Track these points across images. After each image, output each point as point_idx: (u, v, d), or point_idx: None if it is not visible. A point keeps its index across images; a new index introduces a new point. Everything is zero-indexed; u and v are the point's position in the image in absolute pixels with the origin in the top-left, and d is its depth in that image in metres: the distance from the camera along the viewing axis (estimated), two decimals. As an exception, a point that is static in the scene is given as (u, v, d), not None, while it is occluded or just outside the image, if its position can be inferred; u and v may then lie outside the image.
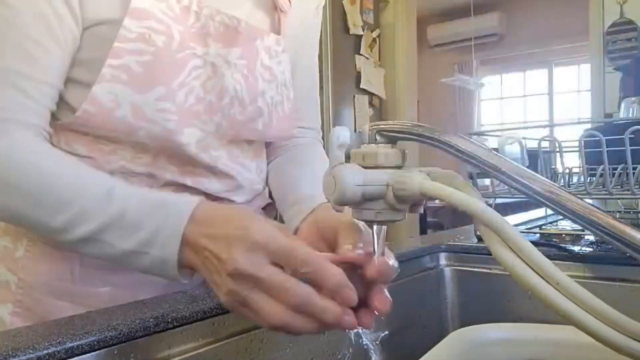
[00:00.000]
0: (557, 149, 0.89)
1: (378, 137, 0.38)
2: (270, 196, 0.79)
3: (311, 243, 0.53)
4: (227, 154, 0.68)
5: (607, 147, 0.72)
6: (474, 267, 0.83)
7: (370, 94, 3.85)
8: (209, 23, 0.63)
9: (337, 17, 3.45)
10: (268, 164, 0.81)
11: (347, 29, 3.60)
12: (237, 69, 0.65)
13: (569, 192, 0.33)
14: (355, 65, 3.72)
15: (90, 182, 0.54)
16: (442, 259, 0.86)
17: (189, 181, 0.65)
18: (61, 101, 0.60)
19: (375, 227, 0.40)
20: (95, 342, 0.43)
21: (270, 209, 0.78)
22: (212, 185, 0.67)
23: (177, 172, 0.65)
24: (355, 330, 0.43)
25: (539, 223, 1.01)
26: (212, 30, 0.63)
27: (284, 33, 0.71)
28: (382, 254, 0.42)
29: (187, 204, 0.49)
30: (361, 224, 0.49)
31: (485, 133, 0.92)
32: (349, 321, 0.42)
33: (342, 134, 0.39)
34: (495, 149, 0.78)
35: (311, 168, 0.76)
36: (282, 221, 0.66)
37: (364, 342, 0.44)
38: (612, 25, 3.25)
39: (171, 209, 0.49)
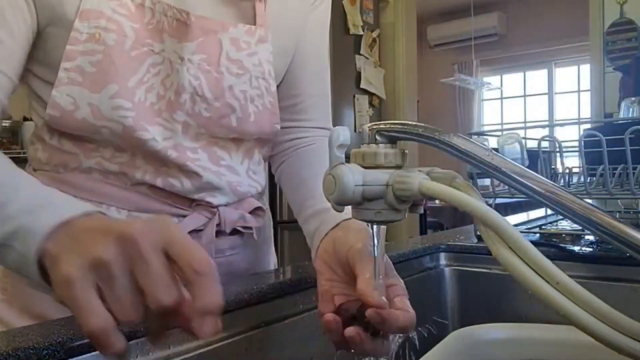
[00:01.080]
0: (557, 149, 0.89)
1: (378, 137, 0.38)
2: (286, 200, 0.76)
3: (329, 265, 0.53)
4: (208, 155, 0.67)
5: (607, 147, 0.72)
6: (474, 267, 0.83)
7: (370, 94, 3.85)
8: (162, 19, 0.62)
9: (337, 17, 3.45)
10: (279, 165, 0.79)
11: (347, 29, 3.60)
12: (193, 64, 0.63)
13: (569, 192, 0.33)
14: (355, 65, 3.72)
15: None
16: (442, 259, 0.86)
17: (159, 182, 0.64)
18: (41, 100, 0.62)
19: (375, 227, 0.40)
20: (95, 342, 0.43)
21: (260, 213, 0.75)
22: (183, 185, 0.65)
23: (152, 172, 0.64)
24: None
25: (539, 223, 1.01)
26: (166, 26, 0.62)
27: (260, 22, 0.68)
28: (383, 254, 0.42)
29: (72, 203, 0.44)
30: (369, 244, 0.49)
31: (485, 133, 0.92)
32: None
33: (343, 133, 0.39)
34: (495, 149, 0.78)
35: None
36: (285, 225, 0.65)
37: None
38: (612, 25, 3.25)
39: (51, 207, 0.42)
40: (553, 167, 1.01)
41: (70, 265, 0.35)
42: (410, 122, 0.37)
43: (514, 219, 1.15)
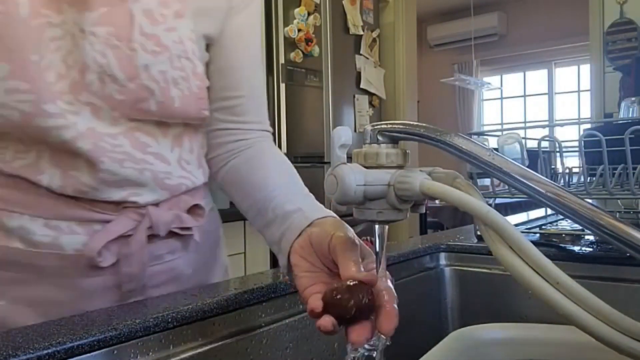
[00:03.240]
0: (557, 149, 0.89)
1: (380, 137, 0.38)
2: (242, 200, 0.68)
3: (305, 258, 0.50)
4: (130, 142, 0.59)
5: (607, 147, 0.72)
6: (474, 267, 0.83)
7: (370, 94, 3.85)
8: None
9: (337, 17, 3.45)
10: (219, 169, 0.72)
11: (347, 29, 3.60)
12: (98, 38, 0.54)
13: (570, 192, 0.33)
14: (355, 65, 3.72)
15: None
16: (442, 259, 0.86)
17: (68, 189, 0.56)
18: None
19: (377, 226, 0.40)
20: (95, 342, 0.43)
21: (199, 212, 0.68)
22: (98, 189, 0.57)
23: (59, 177, 0.56)
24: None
25: (539, 223, 1.01)
26: None
27: None
28: (384, 254, 0.42)
29: None
30: (351, 233, 0.48)
31: (486, 133, 0.92)
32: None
33: (345, 134, 0.39)
34: (495, 149, 0.78)
35: (278, 173, 0.67)
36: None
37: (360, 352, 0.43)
38: (612, 25, 3.25)
39: None
40: (553, 167, 1.01)
41: None
42: (411, 122, 0.37)
43: (514, 219, 1.16)
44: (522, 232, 0.93)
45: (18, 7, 0.51)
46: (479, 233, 0.89)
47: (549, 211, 1.14)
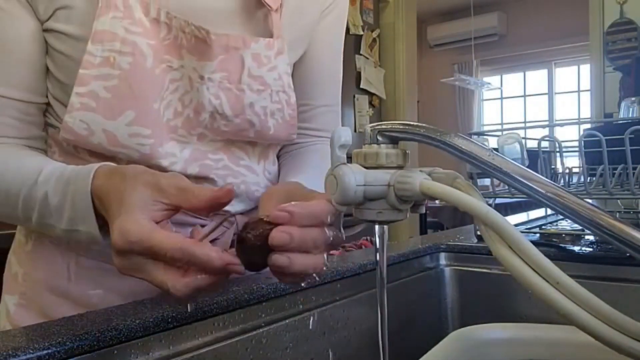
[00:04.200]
0: (557, 149, 0.89)
1: (379, 138, 0.38)
2: None
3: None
4: (227, 156, 0.66)
5: (607, 147, 0.72)
6: (474, 267, 0.83)
7: (370, 94, 3.85)
8: (180, 34, 0.59)
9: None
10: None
11: (347, 29, 3.60)
12: (214, 83, 0.61)
13: (570, 193, 0.33)
14: (355, 65, 3.72)
15: (26, 170, 0.55)
16: (442, 259, 0.86)
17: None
18: (57, 115, 0.61)
19: (377, 226, 0.40)
20: (95, 342, 0.43)
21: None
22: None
23: None
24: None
25: (539, 223, 1.01)
26: (185, 42, 0.59)
27: (277, 34, 0.65)
28: (384, 254, 0.42)
29: (88, 171, 0.49)
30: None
31: (486, 133, 0.92)
32: (236, 268, 0.40)
33: (344, 134, 0.39)
34: (495, 149, 0.79)
35: (307, 165, 0.73)
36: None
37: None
38: (612, 25, 3.25)
39: (78, 183, 0.49)
40: (553, 167, 1.01)
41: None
42: (411, 123, 0.37)
43: (514, 219, 1.16)
44: (522, 232, 0.93)
45: (145, 58, 0.57)
46: (479, 233, 0.89)
47: (549, 211, 1.14)
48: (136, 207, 0.42)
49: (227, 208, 0.64)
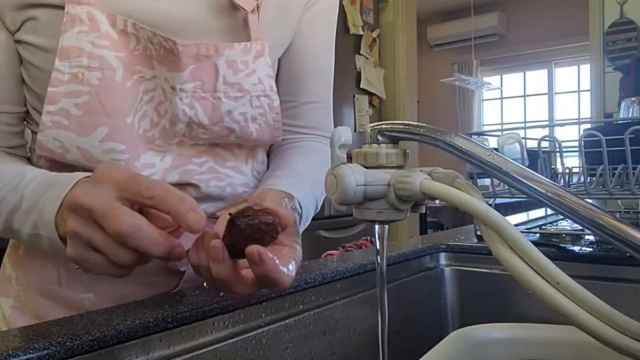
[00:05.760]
0: (557, 149, 0.89)
1: (380, 137, 0.38)
2: None
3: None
4: (212, 158, 0.65)
5: (607, 147, 0.72)
6: (474, 267, 0.83)
7: (370, 94, 3.85)
8: (149, 45, 0.57)
9: (337, 17, 3.46)
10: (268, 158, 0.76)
11: (347, 29, 3.60)
12: (187, 93, 0.59)
13: (570, 193, 0.33)
14: (355, 65, 3.72)
15: (9, 175, 0.55)
16: (442, 259, 0.86)
17: None
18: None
19: (377, 226, 0.40)
20: (95, 342, 0.43)
21: None
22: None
23: None
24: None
25: (539, 223, 1.01)
26: (154, 53, 0.58)
27: (255, 36, 0.62)
28: (384, 254, 0.42)
29: (69, 180, 0.48)
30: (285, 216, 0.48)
31: (486, 133, 0.92)
32: (179, 252, 0.44)
33: (345, 134, 0.39)
34: (495, 149, 0.78)
35: (295, 161, 0.71)
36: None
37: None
38: (612, 25, 3.25)
39: (56, 187, 0.49)
40: (553, 167, 1.01)
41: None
42: (411, 122, 0.37)
43: (514, 219, 1.15)
44: (522, 232, 0.93)
45: (115, 72, 0.56)
46: (479, 233, 0.89)
47: (549, 211, 1.14)
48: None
49: (212, 211, 0.64)
